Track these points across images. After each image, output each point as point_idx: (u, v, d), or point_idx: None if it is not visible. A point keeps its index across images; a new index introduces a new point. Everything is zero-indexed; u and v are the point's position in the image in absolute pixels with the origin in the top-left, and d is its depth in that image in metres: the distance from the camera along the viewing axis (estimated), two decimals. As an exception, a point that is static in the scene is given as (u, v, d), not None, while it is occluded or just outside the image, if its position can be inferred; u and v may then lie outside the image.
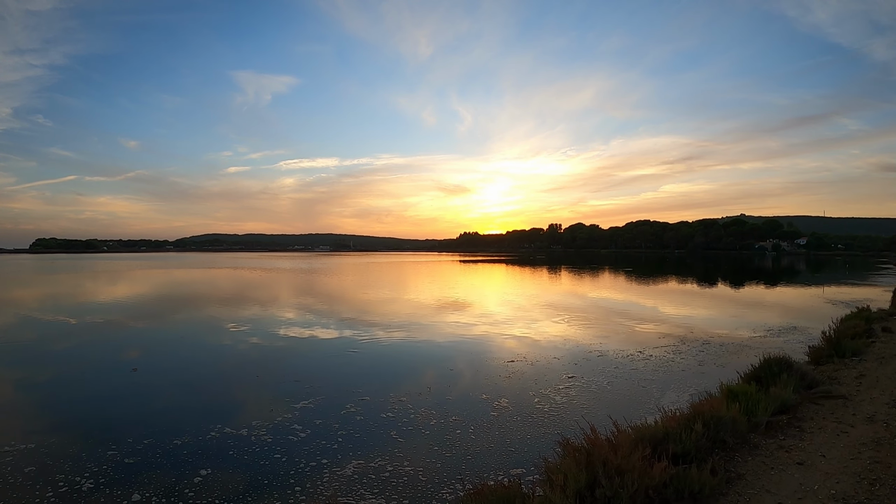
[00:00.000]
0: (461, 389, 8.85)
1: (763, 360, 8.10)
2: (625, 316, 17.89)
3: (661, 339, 13.35)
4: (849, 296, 25.56)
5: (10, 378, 9.75)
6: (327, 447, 6.17)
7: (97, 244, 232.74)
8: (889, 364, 9.00)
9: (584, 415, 7.30)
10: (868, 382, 7.72)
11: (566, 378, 9.55)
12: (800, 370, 7.58)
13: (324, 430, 6.75)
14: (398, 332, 15.07)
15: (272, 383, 9.25)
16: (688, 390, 8.55)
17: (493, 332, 14.98)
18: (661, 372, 9.85)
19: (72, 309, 20.23)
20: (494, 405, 7.92)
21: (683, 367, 10.25)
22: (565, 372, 10.01)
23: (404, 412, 7.51)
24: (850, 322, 14.23)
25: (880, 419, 5.99)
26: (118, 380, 9.66)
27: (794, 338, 13.32)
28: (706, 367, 10.11)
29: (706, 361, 10.65)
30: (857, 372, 8.50)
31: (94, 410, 7.87)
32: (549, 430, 6.82)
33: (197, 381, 9.62)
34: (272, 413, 7.44)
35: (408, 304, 21.76)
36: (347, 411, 7.54)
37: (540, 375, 9.75)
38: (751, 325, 15.59)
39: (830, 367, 8.96)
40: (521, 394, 8.56)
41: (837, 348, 10.21)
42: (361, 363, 11.05)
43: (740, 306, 21.16)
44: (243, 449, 6.15)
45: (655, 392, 8.54)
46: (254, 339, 13.87)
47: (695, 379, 9.29)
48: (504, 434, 6.72)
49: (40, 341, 13.66)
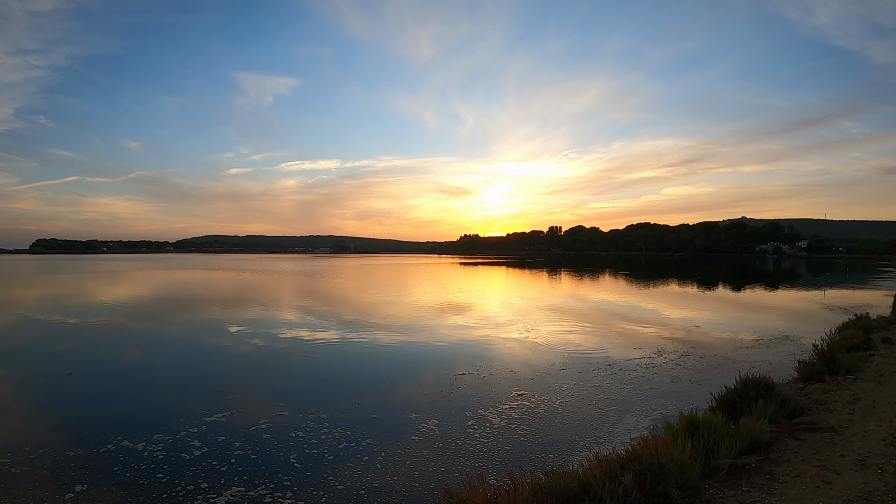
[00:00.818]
0: (393, 406, 7.86)
1: (738, 382, 6.87)
2: (606, 321, 16.64)
3: (636, 349, 12.12)
4: (848, 300, 24.25)
5: None
6: (214, 469, 5.54)
7: (97, 245, 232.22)
8: (889, 384, 7.74)
9: (513, 446, 6.22)
10: (863, 409, 6.46)
11: (515, 395, 8.38)
12: (780, 395, 6.34)
13: (222, 448, 6.10)
14: (353, 335, 14.25)
15: (197, 392, 8.57)
16: (651, 414, 7.34)
17: (454, 337, 13.89)
18: (627, 390, 8.62)
19: (34, 308, 19.06)
20: (421, 427, 6.86)
21: (654, 383, 9.02)
22: (518, 388, 8.84)
23: (317, 432, 6.65)
24: (846, 331, 12.94)
25: (874, 463, 4.75)
26: (47, 384, 9.16)
27: (784, 349, 12.06)
28: (679, 385, 8.87)
29: (681, 377, 9.40)
30: (850, 394, 7.24)
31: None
32: (465, 462, 5.74)
33: (125, 387, 9.03)
34: (179, 426, 6.84)
35: (376, 306, 20.52)
36: (257, 428, 6.77)
37: (487, 391, 8.60)
38: (740, 334, 14.34)
39: (820, 388, 7.70)
40: (456, 414, 7.40)
41: (830, 364, 8.94)
42: (302, 372, 10.28)
43: (732, 312, 19.87)
44: (130, 464, 5.65)
45: (612, 416, 7.32)
46: (201, 344, 13.18)
47: (663, 399, 8.07)
48: (412, 466, 5.65)
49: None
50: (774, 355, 11.33)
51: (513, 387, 8.89)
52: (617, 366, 10.40)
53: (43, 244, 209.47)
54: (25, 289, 31.24)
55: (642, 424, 6.91)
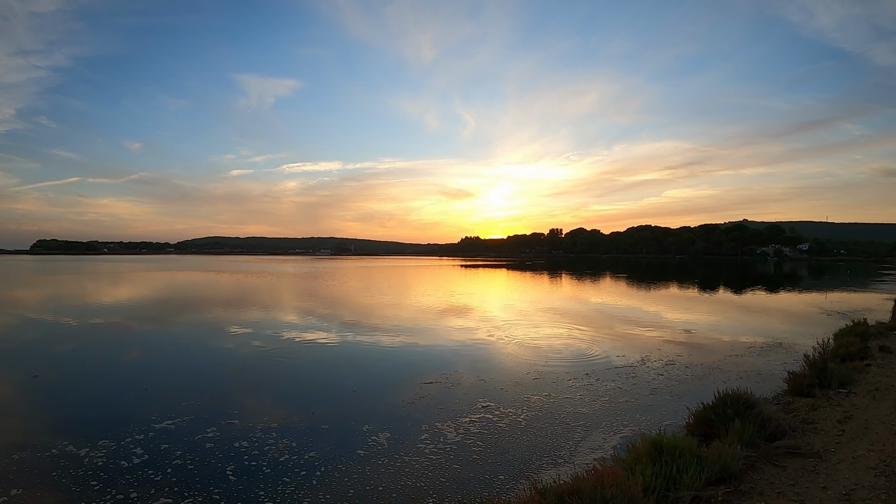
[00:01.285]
0: (348, 416, 7.38)
1: (717, 398, 6.24)
2: (594, 325, 15.98)
3: (620, 356, 11.49)
4: (847, 304, 23.55)
5: None
6: (149, 478, 5.30)
7: (97, 246, 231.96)
8: (884, 399, 7.10)
9: (462, 465, 5.68)
10: (853, 430, 5.82)
11: (479, 407, 7.80)
12: (761, 414, 5.71)
13: (162, 457, 5.86)
14: (326, 338, 13.72)
15: (154, 397, 8.27)
16: (621, 431, 6.74)
17: (428, 342, 13.33)
18: (601, 403, 8.00)
19: (15, 308, 18.44)
20: (370, 441, 6.40)
21: (631, 396, 8.40)
22: (484, 399, 8.25)
23: (262, 443, 6.31)
24: (842, 339, 12.28)
25: (859, 498, 4.13)
26: (9, 386, 8.94)
27: (776, 357, 11.42)
28: (658, 398, 8.24)
29: (661, 389, 8.77)
30: (841, 411, 6.60)
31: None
32: (405, 482, 5.27)
33: (86, 391, 8.74)
34: (126, 432, 6.60)
35: (358, 309, 19.84)
36: (203, 437, 6.47)
37: (451, 402, 8.02)
38: (732, 340, 13.69)
39: (809, 404, 7.05)
40: (411, 427, 6.90)
41: (822, 376, 8.30)
42: (266, 377, 9.83)
43: (727, 315, 19.20)
44: (69, 470, 5.47)
45: (578, 433, 6.72)
46: (173, 347, 12.80)
47: (637, 414, 7.46)
48: (348, 485, 5.22)
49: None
50: (765, 364, 10.69)
51: (479, 398, 8.29)
52: (595, 375, 9.78)
53: (43, 245, 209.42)
54: (11, 289, 30.65)
55: (609, 443, 6.30)
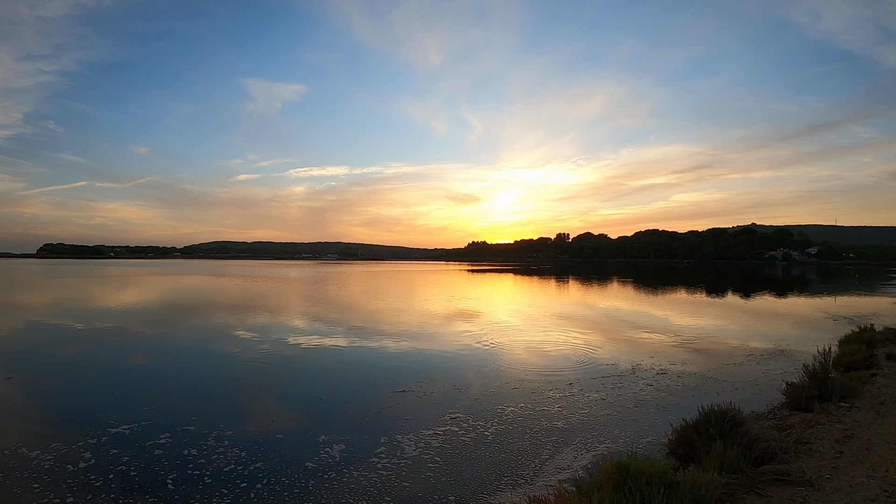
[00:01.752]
0: (307, 425, 7.02)
1: (701, 414, 5.61)
2: (588, 331, 15.28)
3: (609, 364, 10.85)
4: (854, 309, 22.71)
5: None
6: (90, 483, 5.18)
7: (104, 250, 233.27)
8: (890, 414, 6.43)
9: (413, 484, 5.22)
10: (853, 451, 5.17)
11: (448, 419, 7.25)
12: (747, 434, 5.08)
13: (108, 462, 5.70)
14: (308, 342, 13.25)
15: (116, 400, 8.15)
16: (595, 448, 6.15)
17: (410, 347, 12.87)
18: (579, 416, 7.40)
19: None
20: (322, 453, 6.02)
21: (614, 408, 7.78)
22: (455, 409, 7.72)
23: (212, 451, 6.04)
24: (847, 346, 11.57)
25: (857, 540, 3.47)
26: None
27: (776, 366, 10.72)
28: (642, 412, 7.61)
29: (647, 401, 8.13)
30: (841, 429, 5.94)
31: None
32: (347, 500, 4.89)
33: (55, 393, 8.64)
34: (80, 436, 6.48)
35: (351, 312, 19.26)
36: (154, 442, 6.30)
37: (418, 413, 7.58)
38: (731, 347, 13.01)
39: (806, 420, 6.40)
40: (370, 439, 6.49)
41: (823, 387, 7.64)
42: (235, 382, 9.54)
43: (728, 321, 18.45)
44: (15, 472, 5.38)
45: (548, 450, 6.15)
46: (151, 351, 12.48)
47: (616, 429, 6.85)
48: (288, 500, 4.91)
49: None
50: (764, 374, 10.02)
51: (450, 408, 7.76)
52: (579, 385, 9.16)
53: (50, 249, 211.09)
54: (9, 292, 30.36)
55: (579, 462, 5.72)
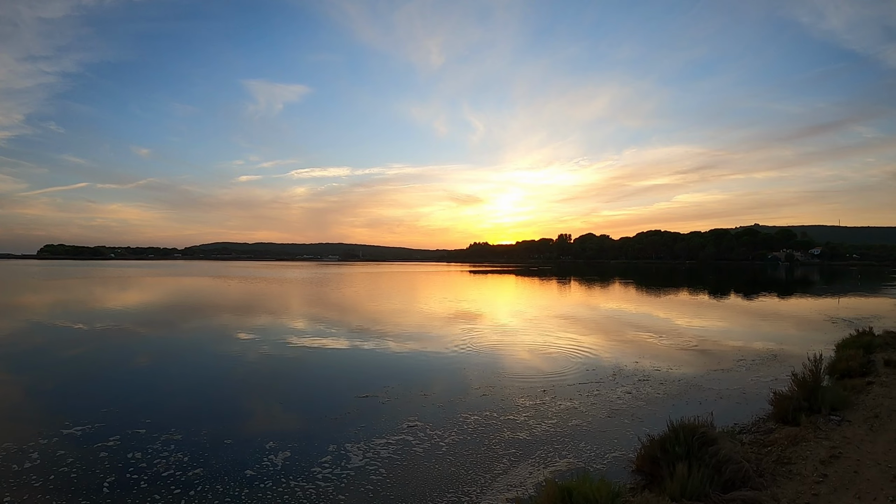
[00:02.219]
0: (259, 431, 6.71)
1: (669, 429, 5.01)
2: (574, 334, 14.61)
3: (589, 370, 10.26)
4: (855, 311, 22.04)
5: None
6: (29, 483, 5.12)
7: (105, 251, 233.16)
8: (884, 430, 5.82)
9: (347, 498, 4.90)
10: (839, 474, 4.56)
11: (405, 427, 6.87)
12: (717, 454, 4.47)
13: (53, 462, 5.60)
14: (295, 343, 12.54)
15: (74, 400, 8.04)
16: (555, 464, 5.64)
17: (386, 350, 12.44)
18: (544, 427, 6.86)
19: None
20: (265, 461, 5.73)
21: (585, 418, 7.22)
22: (414, 416, 7.32)
23: (157, 455, 5.86)
24: (843, 351, 10.93)
25: None
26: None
27: (767, 373, 10.11)
28: (614, 423, 7.02)
29: (622, 411, 7.54)
30: (828, 446, 5.33)
31: None
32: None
33: (14, 391, 8.66)
34: (33, 435, 6.41)
35: (334, 312, 18.65)
36: (103, 444, 6.15)
37: (376, 419, 7.21)
38: (721, 351, 12.39)
39: (790, 436, 5.79)
40: (318, 447, 6.16)
41: (812, 398, 7.04)
42: (201, 385, 9.27)
43: (722, 324, 17.79)
44: None
45: (502, 465, 5.61)
46: (121, 351, 12.38)
47: (582, 442, 6.31)
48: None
49: None
50: (753, 381, 9.40)
51: (410, 415, 7.33)
52: (553, 392, 8.58)
53: (50, 250, 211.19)
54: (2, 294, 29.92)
55: (533, 479, 5.24)
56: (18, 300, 26.29)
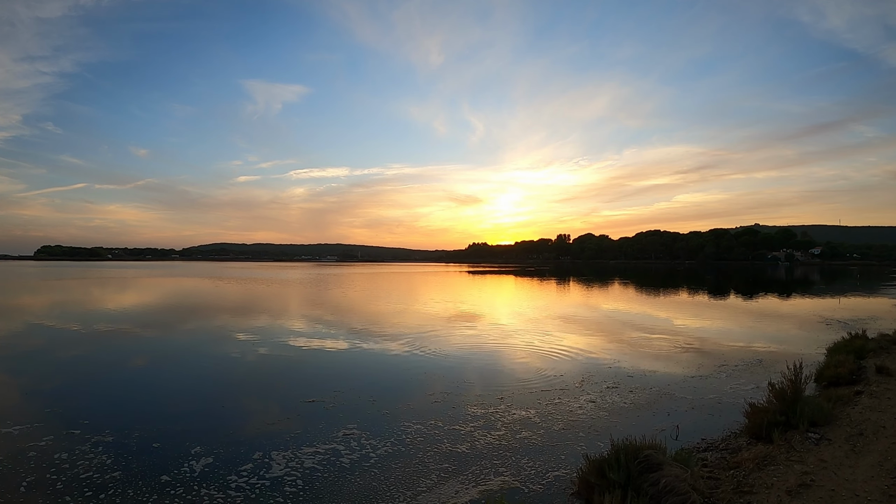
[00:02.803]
0: (193, 435, 6.42)
1: (611, 451, 4.27)
2: (552, 334, 13.79)
3: (557, 375, 9.55)
4: (852, 311, 21.26)
5: None
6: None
7: (102, 252, 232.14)
8: (868, 451, 5.05)
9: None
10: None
11: (340, 435, 6.43)
12: (658, 483, 3.70)
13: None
14: (262, 343, 11.69)
15: (19, 400, 7.92)
16: (486, 482, 5.10)
17: (353, 352, 11.53)
18: (489, 439, 6.25)
19: None
20: (183, 468, 5.50)
21: (536, 430, 6.57)
22: (353, 425, 6.83)
23: (80, 457, 5.67)
24: (835, 357, 10.17)
25: None
26: None
27: (748, 380, 9.35)
28: (568, 436, 6.34)
29: (579, 423, 6.83)
30: (800, 471, 4.58)
31: None
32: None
33: None
34: None
35: (312, 312, 17.86)
36: (34, 444, 6.04)
37: (314, 425, 6.82)
38: (703, 356, 11.63)
39: (757, 456, 5.03)
40: (243, 454, 5.86)
41: (790, 411, 6.27)
42: (161, 384, 9.16)
43: (711, 326, 17.01)
44: None
45: (429, 481, 5.09)
46: (82, 351, 11.95)
47: (527, 458, 5.67)
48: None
49: None
50: (731, 389, 8.63)
51: (350, 423, 6.87)
52: (510, 400, 7.89)
53: (48, 251, 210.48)
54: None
55: (458, 499, 4.76)
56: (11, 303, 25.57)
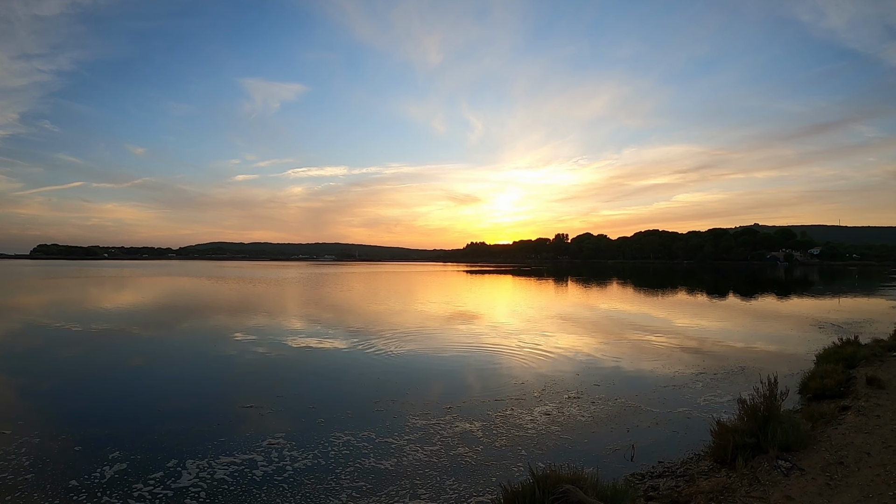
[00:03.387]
0: (119, 440, 6.16)
1: (528, 482, 3.38)
2: (525, 336, 12.95)
3: (517, 384, 8.76)
4: (848, 314, 20.40)
5: None
6: None
7: (98, 251, 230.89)
8: (848, 486, 4.20)
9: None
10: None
11: (264, 445, 6.06)
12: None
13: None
14: (223, 344, 11.11)
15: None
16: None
17: (309, 353, 10.65)
18: (419, 455, 5.78)
19: None
20: (94, 474, 5.29)
21: (473, 446, 5.92)
22: (280, 434, 6.41)
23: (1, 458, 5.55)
24: (822, 366, 9.27)
25: None
26: None
27: (725, 391, 8.49)
28: (508, 453, 5.59)
29: (525, 439, 6.03)
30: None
31: None
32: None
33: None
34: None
35: (286, 316, 17.01)
36: None
37: (241, 433, 6.50)
38: (680, 363, 10.79)
39: (714, 488, 4.19)
40: (160, 460, 5.63)
41: (761, 432, 5.40)
42: (113, 386, 8.93)
43: (697, 329, 16.16)
44: None
45: (339, 500, 4.66)
46: (53, 353, 11.47)
47: (452, 479, 5.08)
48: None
49: None
50: (703, 403, 7.77)
51: (279, 430, 6.47)
52: (457, 410, 7.26)
53: (44, 249, 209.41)
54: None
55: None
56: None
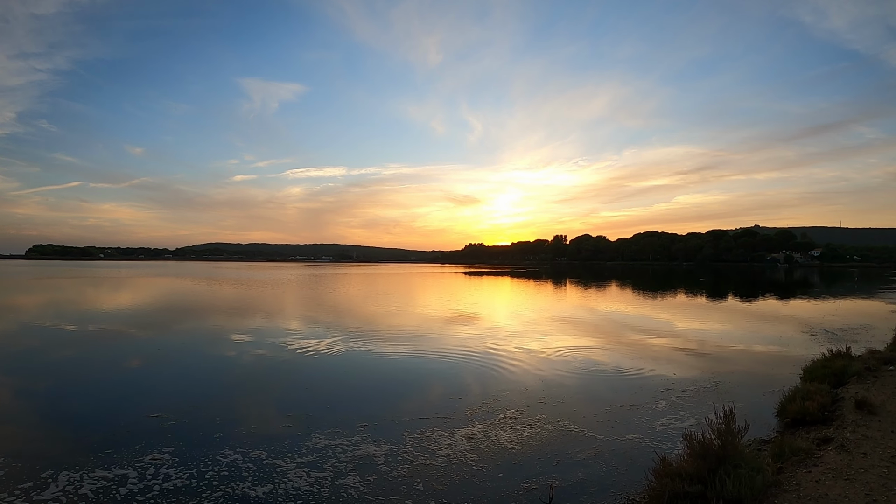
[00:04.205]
0: (33, 450, 5.88)
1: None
2: (500, 342, 11.81)
3: (458, 398, 7.62)
4: (844, 319, 19.16)
5: None
6: None
7: (94, 251, 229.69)
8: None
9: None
10: None
11: (147, 460, 5.38)
12: None
13: None
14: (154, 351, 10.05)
15: None
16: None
17: (252, 359, 9.63)
18: (289, 486, 4.93)
19: None
20: (41, 477, 5.07)
21: (368, 478, 4.80)
22: (172, 448, 5.85)
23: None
24: (805, 385, 8.00)
25: None
26: None
27: (690, 413, 7.33)
28: (401, 488, 4.31)
29: (427, 472, 4.79)
30: None
31: None
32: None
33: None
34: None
35: (266, 319, 15.89)
36: None
37: (136, 444, 5.97)
38: (645, 378, 9.58)
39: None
40: (37, 470, 5.31)
41: (710, 479, 4.20)
42: (98, 394, 8.49)
43: (676, 334, 14.96)
44: None
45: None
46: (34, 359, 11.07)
47: None
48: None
49: None
50: (660, 430, 6.59)
51: (169, 446, 5.96)
52: (371, 429, 6.56)
53: (39, 250, 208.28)
54: None
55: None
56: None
